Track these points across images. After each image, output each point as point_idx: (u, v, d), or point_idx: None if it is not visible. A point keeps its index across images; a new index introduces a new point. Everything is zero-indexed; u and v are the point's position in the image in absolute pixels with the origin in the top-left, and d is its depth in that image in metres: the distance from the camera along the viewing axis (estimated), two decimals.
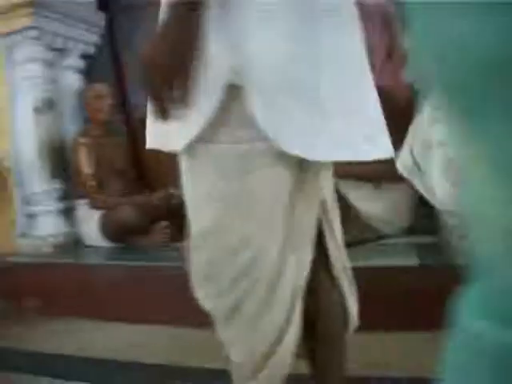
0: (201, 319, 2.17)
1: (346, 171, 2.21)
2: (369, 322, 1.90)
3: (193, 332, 2.16)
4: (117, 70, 4.13)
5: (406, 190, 2.39)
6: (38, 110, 2.93)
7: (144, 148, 3.61)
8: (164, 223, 2.84)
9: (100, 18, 3.39)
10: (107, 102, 3.04)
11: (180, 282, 2.29)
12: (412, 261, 2.04)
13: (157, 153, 3.50)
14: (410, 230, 2.41)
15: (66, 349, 2.18)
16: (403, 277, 1.98)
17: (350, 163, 0.94)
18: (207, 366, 1.84)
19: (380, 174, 2.31)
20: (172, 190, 2.87)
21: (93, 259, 2.74)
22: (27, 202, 3.03)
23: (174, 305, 2.30)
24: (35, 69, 2.94)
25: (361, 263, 1.97)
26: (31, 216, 3.05)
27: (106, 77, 3.81)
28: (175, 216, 2.88)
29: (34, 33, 2.88)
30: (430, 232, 2.33)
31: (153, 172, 3.99)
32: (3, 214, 3.01)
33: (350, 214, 2.33)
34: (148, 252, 2.72)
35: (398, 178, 2.40)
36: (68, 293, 2.58)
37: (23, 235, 3.00)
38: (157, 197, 2.90)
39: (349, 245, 2.24)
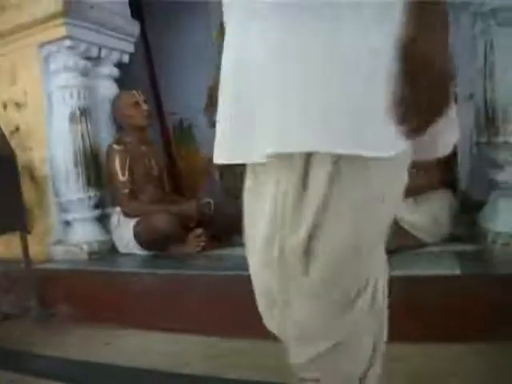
0: (235, 329, 2.18)
1: None
2: (409, 333, 1.86)
3: (227, 341, 2.15)
4: (151, 78, 4.16)
5: (446, 198, 2.33)
6: (73, 119, 2.95)
7: (177, 155, 3.61)
8: (198, 231, 2.83)
9: (134, 27, 3.40)
10: (144, 109, 3.05)
11: (215, 291, 2.29)
12: (453, 270, 1.97)
13: (190, 161, 3.52)
14: (451, 238, 2.35)
15: (99, 357, 2.18)
16: (444, 286, 1.92)
17: None
18: (242, 376, 1.82)
19: (420, 187, 2.27)
20: (207, 200, 2.87)
21: (127, 267, 2.73)
22: (63, 209, 3.06)
23: (209, 314, 2.28)
24: (70, 78, 2.97)
25: (401, 272, 1.94)
26: (67, 223, 3.08)
27: (139, 85, 3.84)
28: (208, 225, 2.87)
29: (68, 42, 2.91)
30: (472, 240, 2.27)
31: (186, 180, 4.00)
32: (39, 222, 3.04)
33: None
34: (182, 260, 2.70)
35: (438, 187, 2.34)
36: (102, 301, 2.58)
37: (58, 242, 3.03)
38: (192, 206, 2.89)
39: (389, 252, 2.21)
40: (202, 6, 4.27)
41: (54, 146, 3.01)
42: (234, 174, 4.32)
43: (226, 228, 2.99)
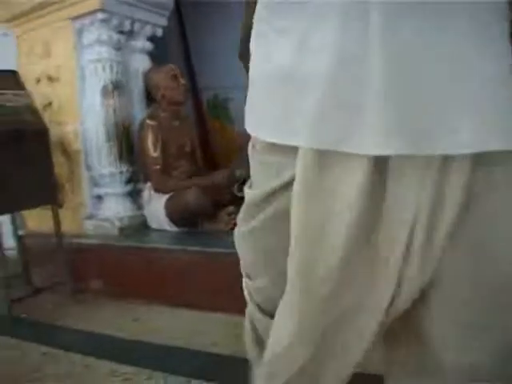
0: None
1: None
2: None
3: None
4: (184, 53, 4.11)
5: None
6: (106, 93, 2.93)
7: (211, 131, 3.55)
8: (230, 208, 2.80)
9: (168, 1, 3.33)
10: (182, 83, 3.01)
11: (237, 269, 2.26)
12: None
13: (224, 136, 3.47)
14: None
15: (127, 332, 2.19)
16: None
17: None
18: None
19: None
20: (239, 170, 2.81)
21: (158, 243, 2.71)
22: (95, 183, 3.05)
23: (239, 293, 2.24)
24: (103, 51, 2.94)
25: None
26: (98, 198, 3.08)
27: (173, 59, 3.80)
28: (239, 202, 2.82)
29: (101, 15, 2.87)
30: None
31: (220, 155, 3.95)
32: (71, 196, 3.05)
33: None
34: (214, 237, 2.67)
35: None
36: (132, 276, 2.59)
37: (90, 217, 3.03)
38: (224, 176, 2.86)
39: None
40: None
41: (86, 120, 3.00)
42: None
43: None
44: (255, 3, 0.79)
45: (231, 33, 3.99)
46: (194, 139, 3.18)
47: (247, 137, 1.00)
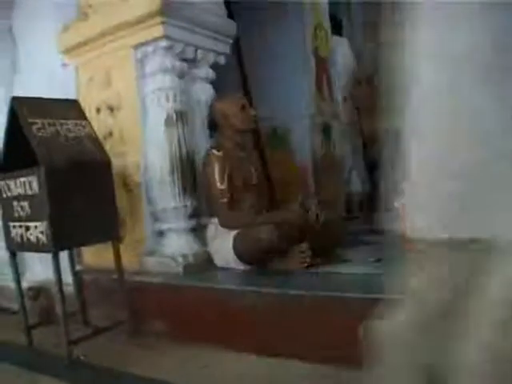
0: (351, 356, 1.94)
1: None
2: None
3: (339, 370, 1.92)
4: (242, 82, 4.03)
5: None
6: (169, 123, 2.81)
7: (270, 160, 3.37)
8: (304, 245, 2.60)
9: (230, 27, 3.24)
10: (251, 113, 2.90)
11: (321, 314, 2.07)
12: None
13: (283, 169, 3.33)
14: None
15: (196, 381, 2.03)
16: None
17: None
18: None
19: None
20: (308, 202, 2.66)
21: (225, 283, 2.55)
22: (156, 218, 2.92)
23: (314, 337, 2.06)
24: (166, 80, 2.84)
25: None
26: (160, 233, 2.94)
27: (231, 88, 3.70)
28: (312, 239, 2.64)
29: (165, 43, 2.79)
30: None
31: (281, 185, 3.82)
32: (132, 231, 2.93)
33: None
34: (286, 277, 2.50)
35: None
36: (199, 319, 2.42)
37: (152, 253, 2.89)
38: (294, 211, 2.67)
39: None
40: (297, 7, 4.13)
41: (148, 152, 2.88)
42: (331, 184, 4.12)
43: (328, 243, 2.77)
44: None
45: (291, 63, 3.95)
46: (260, 171, 3.02)
47: (307, 168, 0.88)
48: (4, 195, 2.49)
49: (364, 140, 4.94)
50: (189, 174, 2.88)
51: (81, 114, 2.61)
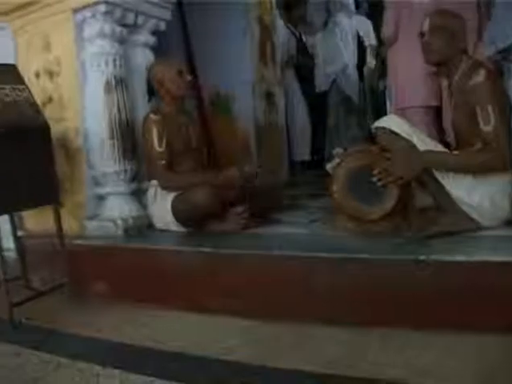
0: (276, 312, 2.07)
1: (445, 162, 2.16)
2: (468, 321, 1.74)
3: (267, 325, 2.04)
4: (186, 48, 4.03)
5: (507, 181, 2.15)
6: (108, 88, 2.82)
7: (213, 126, 3.49)
8: (240, 208, 2.69)
9: None
10: (187, 78, 2.90)
11: (254, 272, 2.18)
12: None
13: (225, 133, 3.39)
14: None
15: (134, 339, 2.08)
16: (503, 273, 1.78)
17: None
18: (282, 365, 1.71)
19: (482, 165, 2.11)
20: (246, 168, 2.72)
21: (164, 244, 2.60)
22: (97, 182, 2.93)
23: (248, 295, 2.17)
24: (106, 45, 2.83)
25: (461, 258, 1.82)
26: (101, 198, 2.96)
27: (174, 54, 3.71)
28: (248, 201, 2.73)
29: (104, 8, 2.76)
30: None
31: (221, 153, 3.87)
32: (73, 195, 2.93)
33: (447, 201, 2.14)
34: (222, 238, 2.57)
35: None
36: (139, 280, 2.48)
37: (92, 217, 2.91)
38: (231, 175, 2.72)
39: (447, 233, 2.08)
40: None
41: (88, 117, 2.88)
42: (270, 147, 4.21)
43: (264, 204, 2.87)
44: None
45: (232, 30, 3.97)
46: (200, 136, 3.06)
47: (249, 134, 0.94)
48: None
49: None
50: (128, 138, 2.89)
51: (18, 79, 2.58)
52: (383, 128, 2.28)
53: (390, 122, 2.30)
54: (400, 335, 1.82)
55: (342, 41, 5.12)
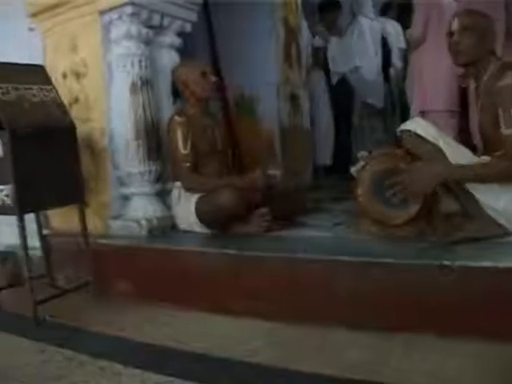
0: (299, 315, 2.06)
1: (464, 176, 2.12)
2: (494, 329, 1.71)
3: (291, 328, 2.02)
4: (211, 49, 4.04)
5: None
6: (134, 89, 2.84)
7: (237, 127, 3.49)
8: (263, 210, 2.68)
9: None
10: (212, 80, 2.91)
11: (279, 274, 2.17)
12: None
13: (250, 135, 3.38)
14: None
15: (156, 338, 2.09)
16: None
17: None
18: (304, 369, 1.70)
19: (499, 174, 2.06)
20: (273, 171, 2.71)
21: (187, 245, 2.61)
22: (122, 183, 2.96)
23: (271, 297, 2.17)
24: (132, 46, 2.85)
25: (487, 263, 1.80)
26: (125, 198, 2.98)
27: (199, 55, 3.72)
28: (271, 203, 2.72)
29: (130, 9, 2.78)
30: None
31: (246, 154, 3.87)
32: (98, 195, 2.96)
33: (474, 206, 2.10)
34: (245, 240, 2.56)
35: None
36: (160, 279, 2.50)
37: (117, 217, 2.93)
38: (256, 177, 2.70)
39: (473, 239, 2.04)
40: None
41: (114, 118, 2.91)
42: (294, 149, 4.19)
43: (288, 207, 2.86)
44: None
45: (257, 31, 3.97)
46: (225, 137, 3.07)
47: (274, 136, 0.94)
48: None
49: None
50: (154, 139, 2.91)
51: (46, 80, 2.63)
52: (408, 131, 2.25)
53: (416, 125, 2.26)
54: (424, 341, 1.80)
55: (363, 43, 5.09)
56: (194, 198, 2.71)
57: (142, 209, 2.90)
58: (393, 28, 5.26)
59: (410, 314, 1.89)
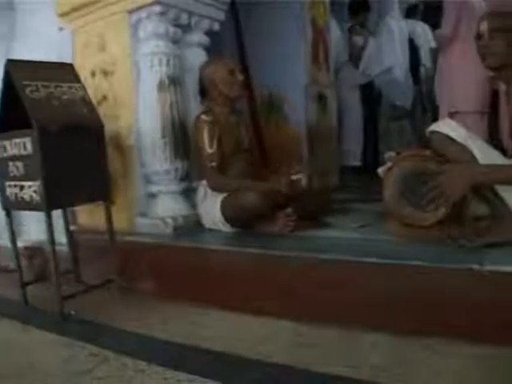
0: (323, 316, 2.04)
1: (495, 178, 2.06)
2: None
3: (313, 329, 2.00)
4: (239, 48, 4.04)
5: None
6: (162, 88, 2.86)
7: (264, 127, 3.47)
8: (288, 210, 2.66)
9: None
10: (239, 78, 2.90)
11: (303, 274, 2.15)
12: None
13: (277, 135, 3.37)
14: None
15: (182, 337, 2.08)
16: None
17: None
18: (328, 370, 1.67)
19: None
20: (297, 176, 2.69)
21: (213, 244, 2.59)
22: (148, 180, 2.98)
23: (295, 297, 2.15)
24: (160, 45, 2.87)
25: None
26: (152, 195, 3.00)
27: (227, 54, 3.72)
28: (297, 203, 2.70)
29: (158, 8, 2.81)
30: None
31: (273, 154, 3.86)
32: (125, 193, 2.98)
33: (504, 210, 2.06)
34: (270, 240, 2.54)
35: None
36: (187, 278, 2.51)
37: (143, 215, 2.95)
38: (281, 183, 2.66)
39: (503, 244, 2.00)
40: None
41: (141, 116, 2.93)
42: (321, 149, 4.17)
43: (313, 207, 2.84)
44: None
45: (285, 31, 3.95)
46: (252, 137, 3.06)
47: (301, 136, 0.92)
48: (0, 155, 2.55)
49: None
50: (180, 137, 2.92)
51: (75, 78, 2.65)
52: (438, 132, 2.21)
53: (445, 126, 2.22)
54: (450, 346, 1.76)
55: (392, 43, 5.04)
56: (220, 196, 2.71)
57: (168, 207, 2.92)
58: (422, 29, 5.20)
59: (437, 319, 1.85)
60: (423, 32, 5.22)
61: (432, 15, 4.72)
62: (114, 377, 1.77)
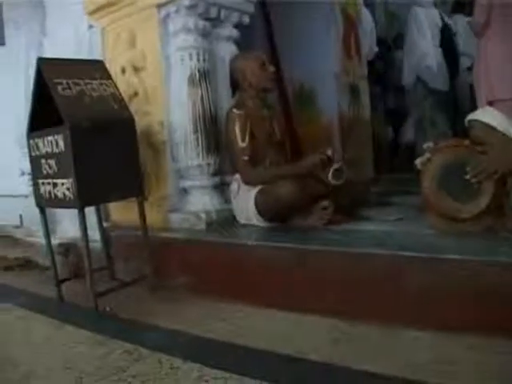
0: (363, 312, 1.99)
1: None
2: None
3: (354, 325, 1.95)
4: (269, 41, 4.00)
5: None
6: (192, 82, 2.83)
7: (296, 119, 3.41)
8: (325, 203, 2.61)
9: None
10: (270, 71, 2.86)
11: (341, 269, 2.10)
12: None
13: (309, 127, 3.31)
14: None
15: (214, 333, 2.06)
16: None
17: None
18: (367, 368, 1.62)
19: None
20: (338, 165, 2.62)
21: (247, 239, 2.54)
22: (181, 176, 2.96)
23: (333, 293, 2.10)
24: (190, 39, 2.85)
25: None
26: (184, 191, 2.98)
27: (257, 47, 3.68)
28: (333, 195, 2.65)
29: (187, 2, 2.78)
30: None
31: (305, 147, 3.81)
32: (157, 188, 2.98)
33: None
34: (306, 234, 2.50)
35: None
36: (221, 274, 2.48)
37: (176, 210, 2.94)
38: (312, 160, 2.63)
39: None
40: None
41: (172, 111, 2.91)
42: (355, 141, 4.10)
43: (348, 200, 2.78)
44: None
45: (316, 21, 3.89)
46: (284, 129, 3.01)
47: (333, 127, 0.88)
48: (33, 153, 2.56)
49: None
50: (212, 132, 2.90)
51: (105, 74, 2.65)
52: (477, 120, 2.14)
53: (485, 114, 2.15)
54: (490, 344, 1.69)
55: (422, 32, 4.93)
56: (253, 190, 2.67)
57: (201, 202, 2.90)
58: (462, 20, 5.08)
59: (478, 315, 1.78)
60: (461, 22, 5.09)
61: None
62: (149, 374, 1.75)
